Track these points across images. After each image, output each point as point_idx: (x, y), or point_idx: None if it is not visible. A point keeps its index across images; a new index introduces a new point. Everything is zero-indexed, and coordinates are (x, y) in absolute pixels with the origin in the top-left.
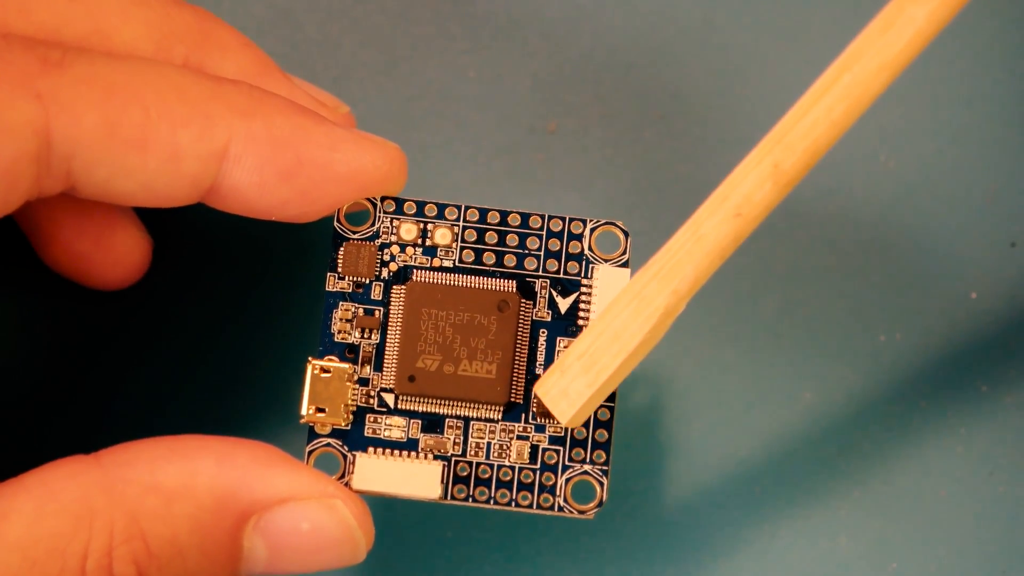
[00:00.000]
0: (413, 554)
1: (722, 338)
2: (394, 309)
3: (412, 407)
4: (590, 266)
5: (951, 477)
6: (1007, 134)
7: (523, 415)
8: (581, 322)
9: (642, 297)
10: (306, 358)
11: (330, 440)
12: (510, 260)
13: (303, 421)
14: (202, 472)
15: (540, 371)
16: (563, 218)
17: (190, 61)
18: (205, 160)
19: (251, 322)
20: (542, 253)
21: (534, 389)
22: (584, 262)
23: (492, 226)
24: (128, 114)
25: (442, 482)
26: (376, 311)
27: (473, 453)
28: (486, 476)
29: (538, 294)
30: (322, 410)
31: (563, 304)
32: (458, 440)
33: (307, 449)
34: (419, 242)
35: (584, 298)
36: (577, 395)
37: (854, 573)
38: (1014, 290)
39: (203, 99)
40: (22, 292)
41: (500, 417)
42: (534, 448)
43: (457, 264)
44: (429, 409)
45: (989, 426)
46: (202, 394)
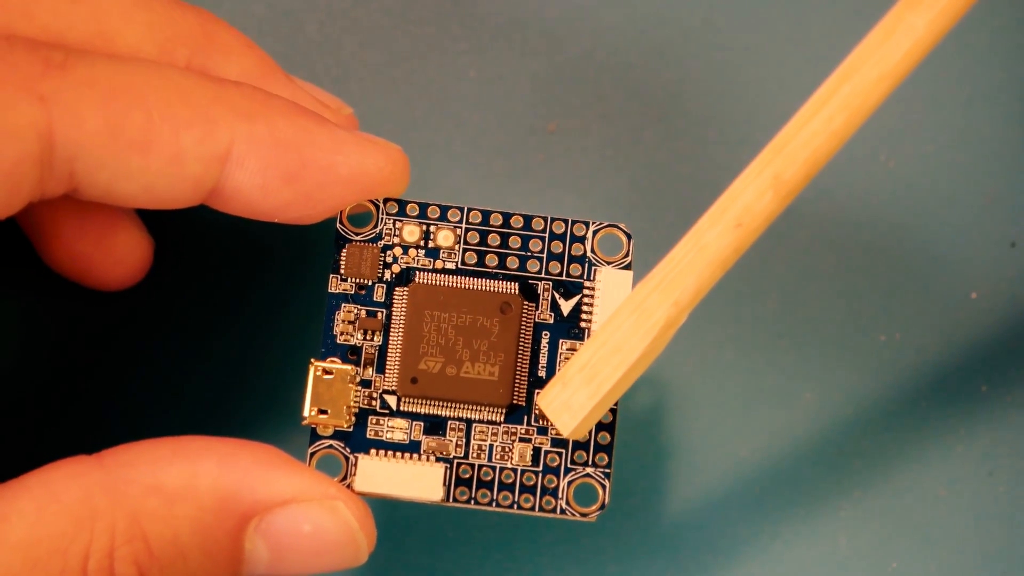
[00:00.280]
0: (414, 556)
1: (722, 338)
2: (397, 311)
3: (414, 409)
4: (592, 268)
5: (951, 477)
6: (1007, 134)
7: (525, 417)
8: (583, 324)
9: (643, 309)
10: (308, 360)
11: (332, 442)
12: (512, 262)
13: (305, 423)
14: (204, 473)
15: (542, 373)
16: (566, 220)
17: (193, 63)
18: (208, 162)
19: (253, 323)
20: (544, 255)
21: (536, 401)
22: (587, 264)
23: (495, 228)
24: (131, 116)
25: (444, 484)
26: (379, 313)
27: (475, 455)
28: (488, 478)
29: (540, 296)
30: (324, 412)
31: (565, 306)
32: (460, 442)
33: (309, 451)
34: (422, 244)
35: (586, 300)
36: (579, 407)
37: (854, 573)
38: (1014, 290)
39: (206, 101)
40: (23, 293)
41: (502, 419)
42: (536, 450)
43: (460, 266)
44: (431, 411)
45: (989, 426)
46: (204, 395)
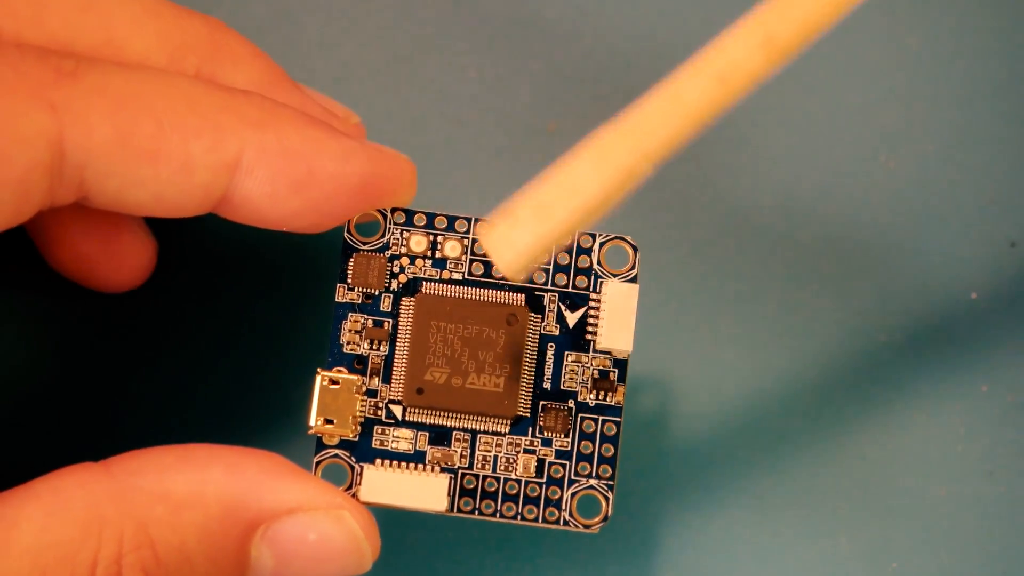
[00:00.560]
0: (418, 564)
1: (722, 338)
2: (403, 321)
3: (420, 419)
4: (599, 281)
5: (951, 477)
6: (1007, 134)
7: (530, 429)
8: (589, 336)
9: (607, 154)
10: (315, 369)
11: (338, 451)
12: None
13: (311, 432)
14: (211, 481)
15: (548, 385)
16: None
17: (202, 72)
18: (216, 171)
19: (260, 332)
20: (551, 267)
21: (476, 232)
22: (593, 276)
23: None
24: (140, 125)
25: (449, 495)
26: (385, 323)
27: (480, 466)
28: (492, 489)
29: (547, 308)
30: (330, 421)
31: (571, 318)
32: (465, 453)
33: (315, 460)
34: (429, 254)
35: (592, 312)
36: (524, 247)
37: (854, 573)
38: (1014, 290)
39: (215, 110)
40: (27, 295)
41: (507, 431)
42: (540, 462)
43: (466, 277)
44: (437, 421)
45: (989, 426)
46: (210, 403)
